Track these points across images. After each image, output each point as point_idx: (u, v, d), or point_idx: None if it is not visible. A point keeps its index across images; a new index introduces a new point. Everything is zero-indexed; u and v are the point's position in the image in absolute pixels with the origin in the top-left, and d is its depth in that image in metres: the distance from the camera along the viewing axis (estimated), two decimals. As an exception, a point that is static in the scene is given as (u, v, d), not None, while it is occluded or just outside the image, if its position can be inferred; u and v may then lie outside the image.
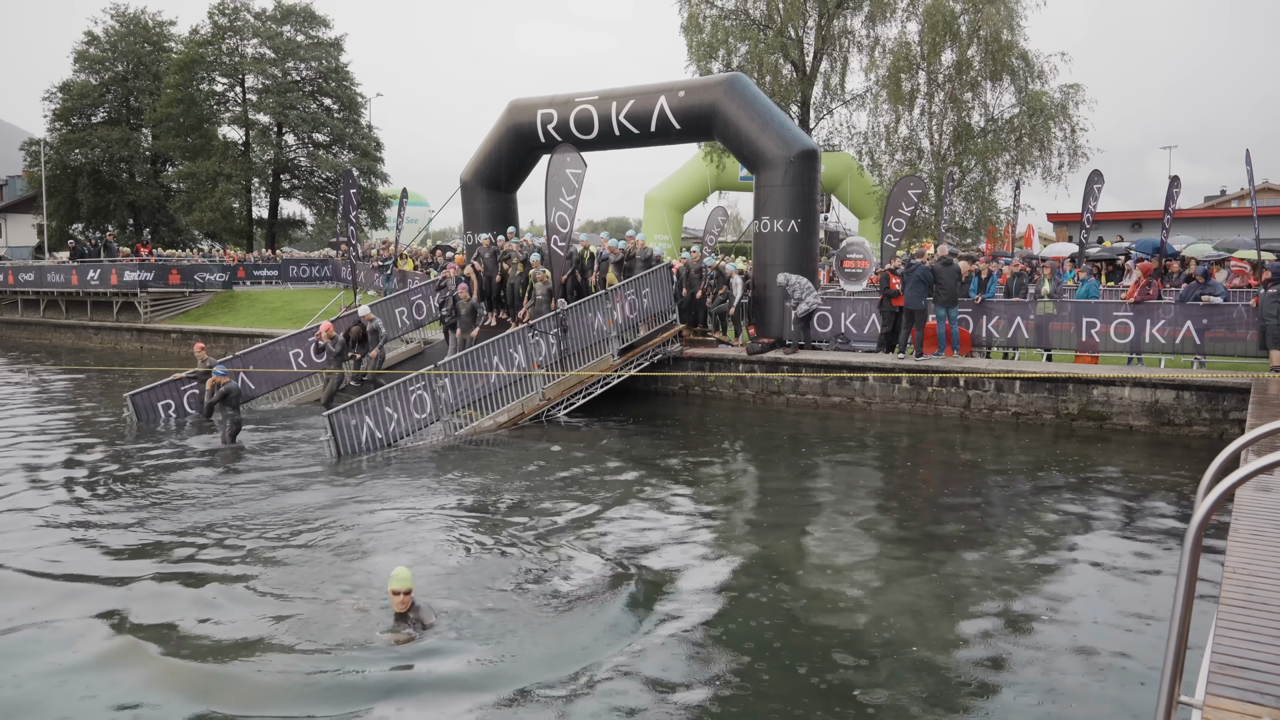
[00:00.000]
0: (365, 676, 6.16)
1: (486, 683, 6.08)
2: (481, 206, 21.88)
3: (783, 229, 18.35)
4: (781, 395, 17.58)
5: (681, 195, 37.12)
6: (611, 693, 5.97)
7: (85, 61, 50.78)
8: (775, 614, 7.34)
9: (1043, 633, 6.93)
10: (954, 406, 16.01)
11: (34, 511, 10.37)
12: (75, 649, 6.71)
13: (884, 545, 9.18)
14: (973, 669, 6.36)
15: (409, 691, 5.97)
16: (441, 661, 6.38)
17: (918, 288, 16.45)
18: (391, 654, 6.48)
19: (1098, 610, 7.36)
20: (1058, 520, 9.97)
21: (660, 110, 19.06)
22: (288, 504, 10.63)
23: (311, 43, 47.40)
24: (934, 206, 27.91)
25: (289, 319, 27.14)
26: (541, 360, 16.02)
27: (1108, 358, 16.06)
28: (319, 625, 7.04)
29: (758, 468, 12.77)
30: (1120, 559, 8.62)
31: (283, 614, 7.26)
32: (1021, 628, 7.05)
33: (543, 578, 8.07)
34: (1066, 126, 27.77)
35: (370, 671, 6.22)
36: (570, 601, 7.52)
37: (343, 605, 7.42)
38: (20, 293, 38.42)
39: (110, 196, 51.11)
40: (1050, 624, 7.09)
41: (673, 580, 8.07)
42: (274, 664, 6.39)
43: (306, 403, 18.10)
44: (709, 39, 30.33)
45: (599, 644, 6.68)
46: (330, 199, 47.14)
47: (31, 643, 6.81)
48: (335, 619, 7.14)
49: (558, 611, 7.30)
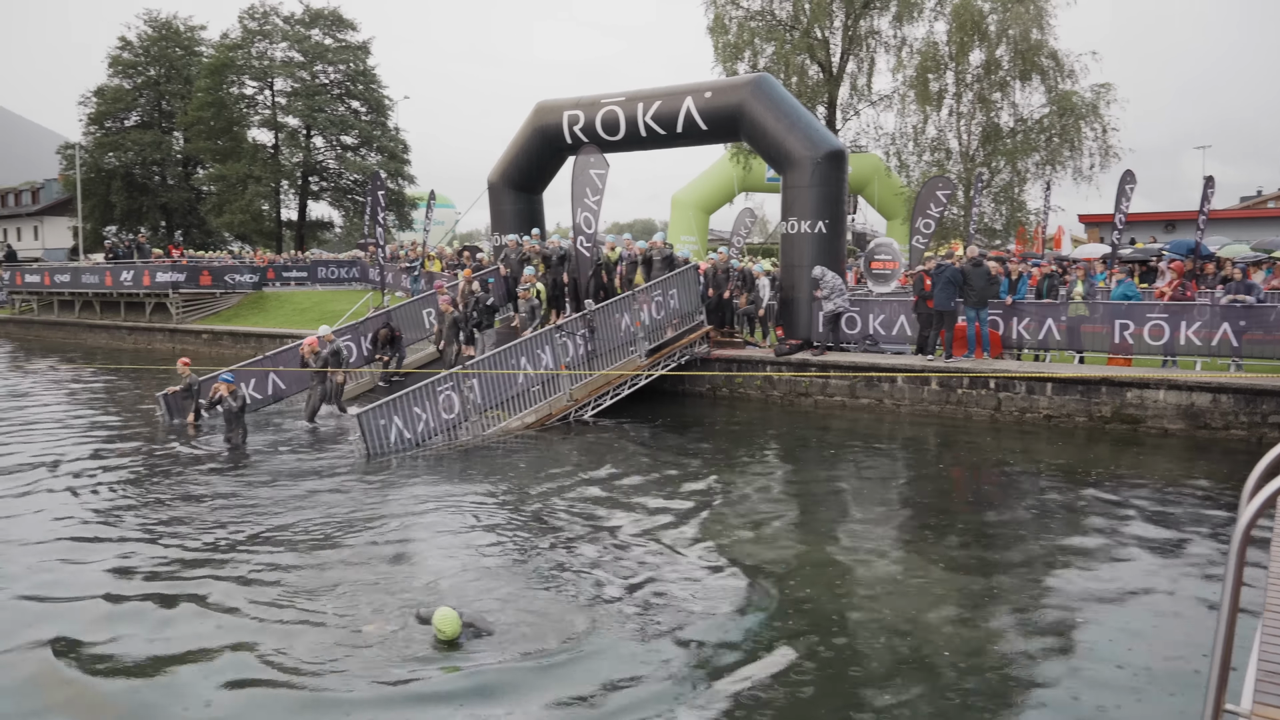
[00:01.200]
0: (402, 689, 6.09)
1: (530, 687, 6.04)
2: (509, 208, 21.95)
3: (810, 230, 18.26)
4: (809, 397, 17.50)
5: (708, 197, 37.08)
6: (646, 696, 5.94)
7: (119, 66, 51.50)
8: (806, 616, 7.29)
9: (1082, 641, 6.82)
10: (984, 409, 15.86)
11: (63, 505, 10.51)
12: (103, 650, 6.78)
13: (915, 548, 9.10)
14: (1010, 677, 6.28)
15: (457, 702, 5.92)
16: (488, 671, 6.30)
17: (947, 289, 16.32)
18: (439, 664, 6.38)
19: (1138, 618, 7.24)
20: (1093, 525, 9.85)
21: (686, 111, 19.03)
22: (319, 503, 10.69)
23: (339, 46, 47.84)
24: (963, 207, 27.71)
25: (318, 320, 27.28)
26: (569, 361, 16.03)
27: (1141, 360, 15.85)
28: (352, 628, 7.05)
29: (786, 469, 12.70)
30: (1159, 565, 8.49)
31: (316, 617, 7.27)
32: (1060, 635, 6.94)
33: (578, 581, 8.02)
34: (1098, 126, 27.49)
35: (419, 683, 6.15)
36: (606, 605, 7.48)
37: (376, 608, 7.41)
38: (56, 294, 38.96)
39: (143, 199, 51.80)
40: (1089, 632, 6.97)
41: (704, 581, 8.05)
42: (310, 668, 6.39)
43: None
44: (735, 40, 30.29)
45: (634, 648, 6.65)
46: (358, 201, 47.51)
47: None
48: (369, 622, 7.15)
49: (594, 616, 7.25)
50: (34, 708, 5.91)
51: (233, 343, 29.29)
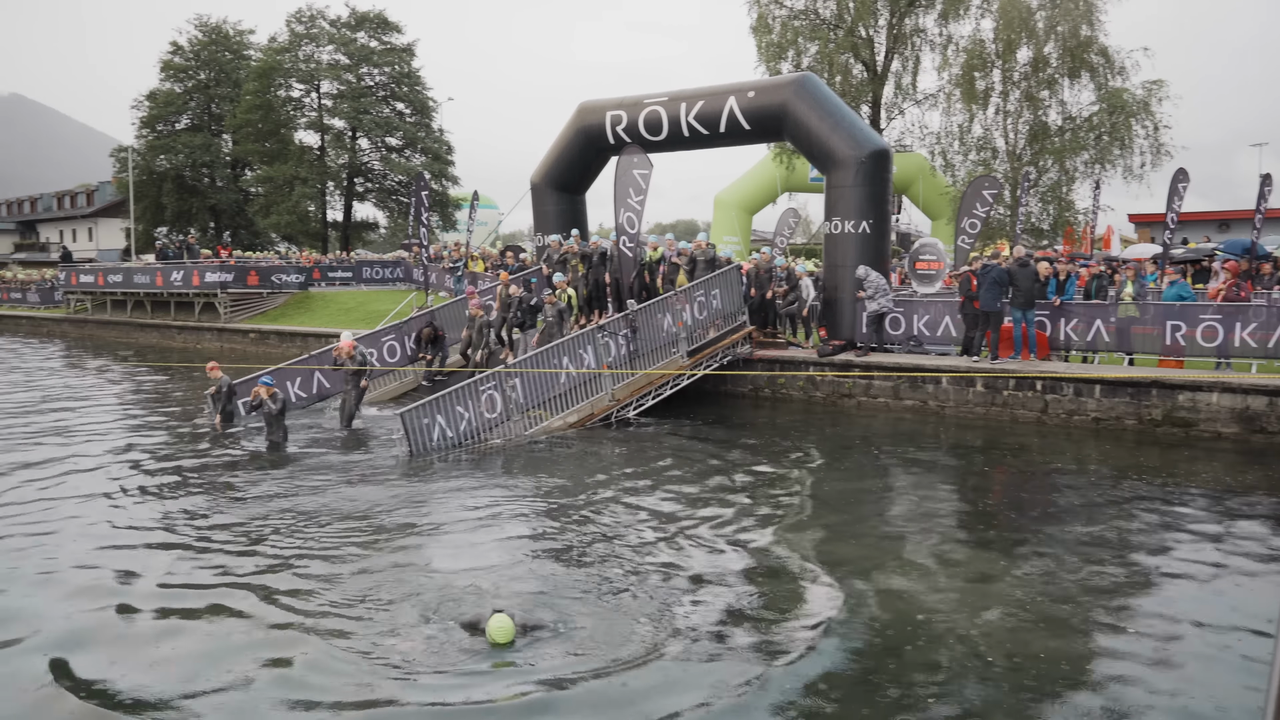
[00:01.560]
0: (453, 695, 6.03)
1: (589, 694, 5.99)
2: (551, 208, 22.04)
3: (854, 230, 18.13)
4: (852, 398, 17.36)
5: (751, 197, 36.92)
6: (706, 702, 5.91)
7: (170, 70, 52.50)
8: (861, 621, 7.23)
9: (1130, 655, 6.63)
10: (1030, 411, 15.63)
11: (107, 504, 10.75)
12: (146, 652, 6.89)
13: (967, 553, 8.98)
14: (1059, 687, 6.17)
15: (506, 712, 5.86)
16: (545, 675, 6.22)
17: (993, 289, 16.10)
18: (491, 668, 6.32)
19: (1189, 632, 7.02)
20: (1144, 532, 9.66)
21: (730, 111, 18.97)
22: (362, 503, 10.79)
23: (384, 48, 48.34)
24: (1009, 207, 27.31)
25: (363, 320, 27.65)
26: (611, 361, 16.05)
27: (1193, 362, 15.52)
28: (392, 637, 7.06)
29: (831, 471, 12.60)
30: (1213, 574, 8.28)
31: (359, 622, 7.28)
32: (1109, 650, 6.77)
33: (629, 584, 7.97)
34: (1149, 124, 26.89)
35: (471, 688, 6.09)
36: (659, 608, 7.42)
37: (421, 615, 7.32)
38: (110, 293, 39.83)
39: (193, 200, 52.75)
40: (1138, 645, 6.79)
41: (754, 582, 8.01)
42: (354, 674, 6.35)
43: (381, 401, 18.40)
44: (778, 39, 30.11)
45: (685, 651, 6.61)
46: (402, 202, 47.98)
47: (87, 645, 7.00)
48: (404, 639, 7.11)
49: (649, 619, 7.18)
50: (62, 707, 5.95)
51: (279, 342, 29.74)
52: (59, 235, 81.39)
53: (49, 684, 6.19)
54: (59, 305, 44.61)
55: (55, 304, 45.15)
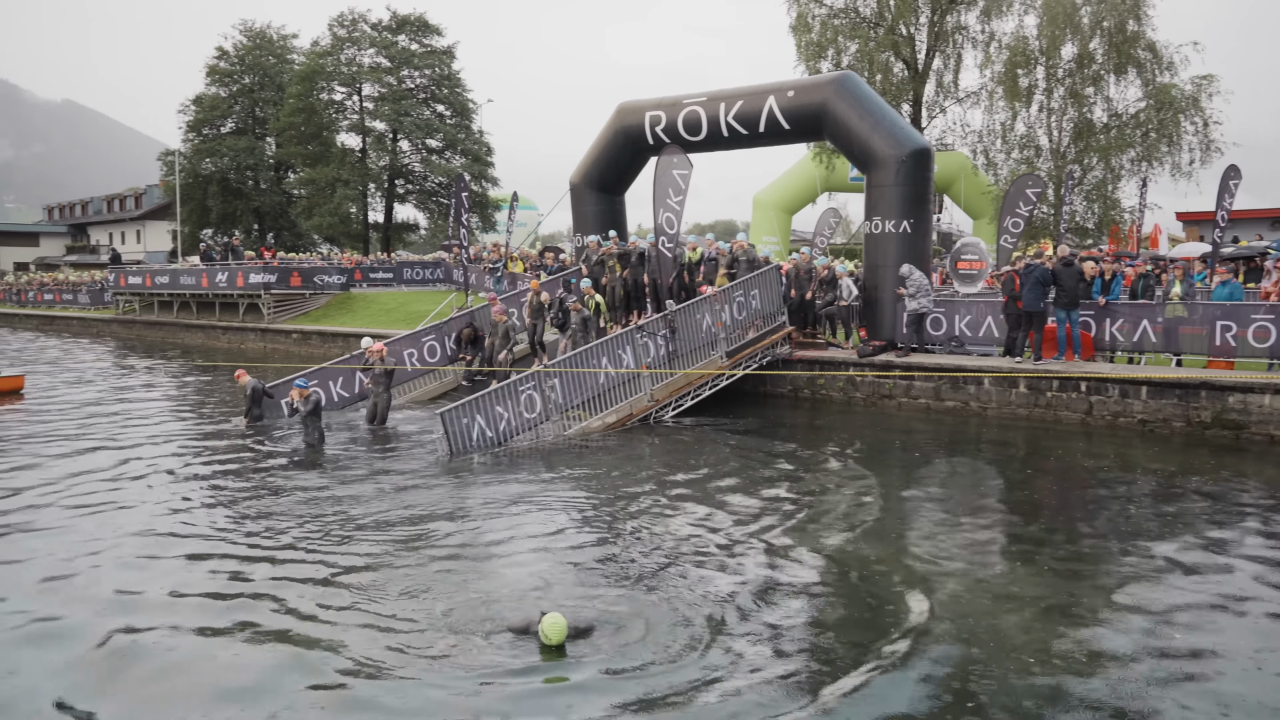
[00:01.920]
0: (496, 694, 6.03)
1: (640, 696, 5.95)
2: (590, 209, 22.10)
3: (894, 230, 17.98)
4: (893, 399, 17.21)
5: (790, 197, 36.75)
6: (755, 703, 5.89)
7: (216, 75, 53.45)
8: (908, 624, 7.17)
9: (1177, 668, 6.48)
10: (1075, 412, 15.39)
11: (152, 497, 10.95)
12: (183, 651, 6.99)
13: (1013, 559, 8.86)
14: (1101, 699, 6.07)
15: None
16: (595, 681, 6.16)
17: (1036, 289, 15.89)
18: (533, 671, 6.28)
19: (1241, 644, 6.84)
20: (1193, 537, 9.46)
21: (769, 110, 18.90)
22: (405, 504, 10.85)
23: (425, 51, 48.80)
24: (1053, 206, 26.94)
25: (403, 320, 27.92)
26: (649, 361, 16.06)
27: (1244, 363, 15.19)
28: (438, 638, 7.07)
29: (872, 473, 12.47)
30: (1265, 585, 8.08)
31: (403, 623, 7.30)
32: (1155, 663, 6.63)
33: (673, 586, 7.91)
34: (1198, 120, 26.40)
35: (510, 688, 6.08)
36: (703, 610, 7.37)
37: (470, 620, 7.24)
38: (157, 295, 40.60)
39: (237, 203, 53.65)
40: (1186, 660, 6.63)
41: (797, 586, 7.97)
42: (397, 676, 6.35)
43: (421, 401, 18.57)
44: (818, 38, 30.00)
45: (737, 653, 6.58)
46: (443, 203, 48.42)
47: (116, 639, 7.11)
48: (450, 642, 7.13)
49: (693, 621, 7.13)
50: (108, 698, 6.04)
51: (321, 342, 30.11)
52: (108, 238, 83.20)
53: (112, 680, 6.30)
54: (108, 306, 45.56)
55: (105, 305, 46.13)
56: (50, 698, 6.01)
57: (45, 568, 8.49)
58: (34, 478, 12.08)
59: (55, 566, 8.55)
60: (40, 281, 57.96)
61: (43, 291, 53.93)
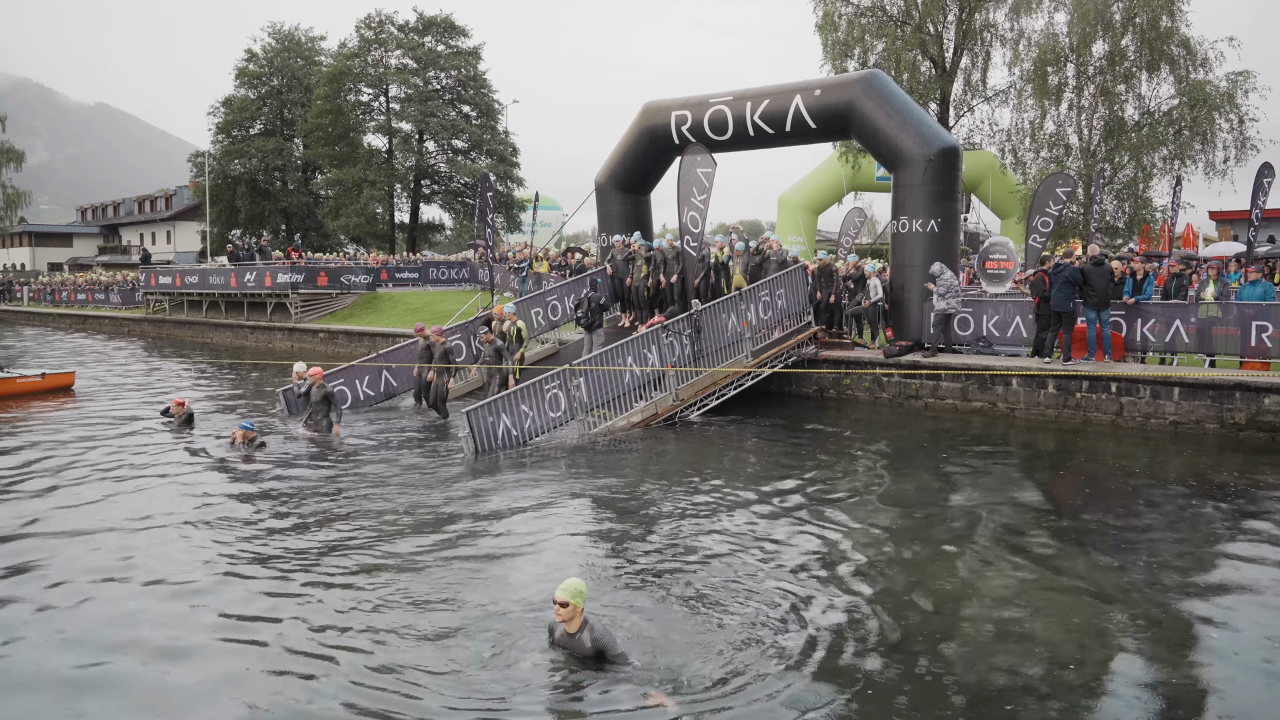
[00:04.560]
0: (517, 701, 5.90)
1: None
2: (616, 209, 22.10)
3: (922, 229, 17.84)
4: (919, 400, 17.08)
5: (816, 197, 36.56)
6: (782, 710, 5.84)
7: (245, 77, 53.93)
8: (927, 630, 7.10)
9: (1211, 680, 6.37)
10: (1105, 414, 15.20)
11: (183, 492, 11.03)
12: (205, 653, 7.02)
13: (1044, 564, 8.74)
14: (1132, 705, 5.98)
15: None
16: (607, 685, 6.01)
17: (1065, 289, 15.71)
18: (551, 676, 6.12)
19: (1270, 648, 6.72)
20: (1227, 541, 9.31)
21: (795, 110, 18.81)
22: (432, 505, 10.84)
23: (451, 52, 48.98)
24: (1082, 205, 26.62)
25: (429, 319, 27.91)
26: (675, 361, 16.02)
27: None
28: (464, 634, 7.02)
29: (900, 475, 12.37)
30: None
31: (430, 620, 7.29)
32: (1187, 663, 6.55)
33: (696, 590, 7.81)
34: (1233, 117, 25.98)
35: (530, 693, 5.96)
36: (731, 616, 7.26)
37: (503, 630, 7.05)
38: (186, 294, 41.05)
39: (265, 203, 54.10)
40: (1220, 671, 6.50)
41: (828, 593, 7.90)
42: (427, 678, 6.27)
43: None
44: (844, 37, 29.80)
45: (752, 660, 6.52)
46: (468, 203, 48.59)
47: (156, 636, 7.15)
48: (484, 628, 7.08)
49: (711, 628, 7.03)
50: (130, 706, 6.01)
51: (348, 341, 30.32)
52: (139, 238, 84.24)
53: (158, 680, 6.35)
54: (139, 306, 46.12)
55: (135, 304, 46.69)
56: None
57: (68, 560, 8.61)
58: (71, 475, 12.24)
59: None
60: (73, 281, 58.76)
61: (76, 291, 54.66)
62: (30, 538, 9.39)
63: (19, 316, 56.35)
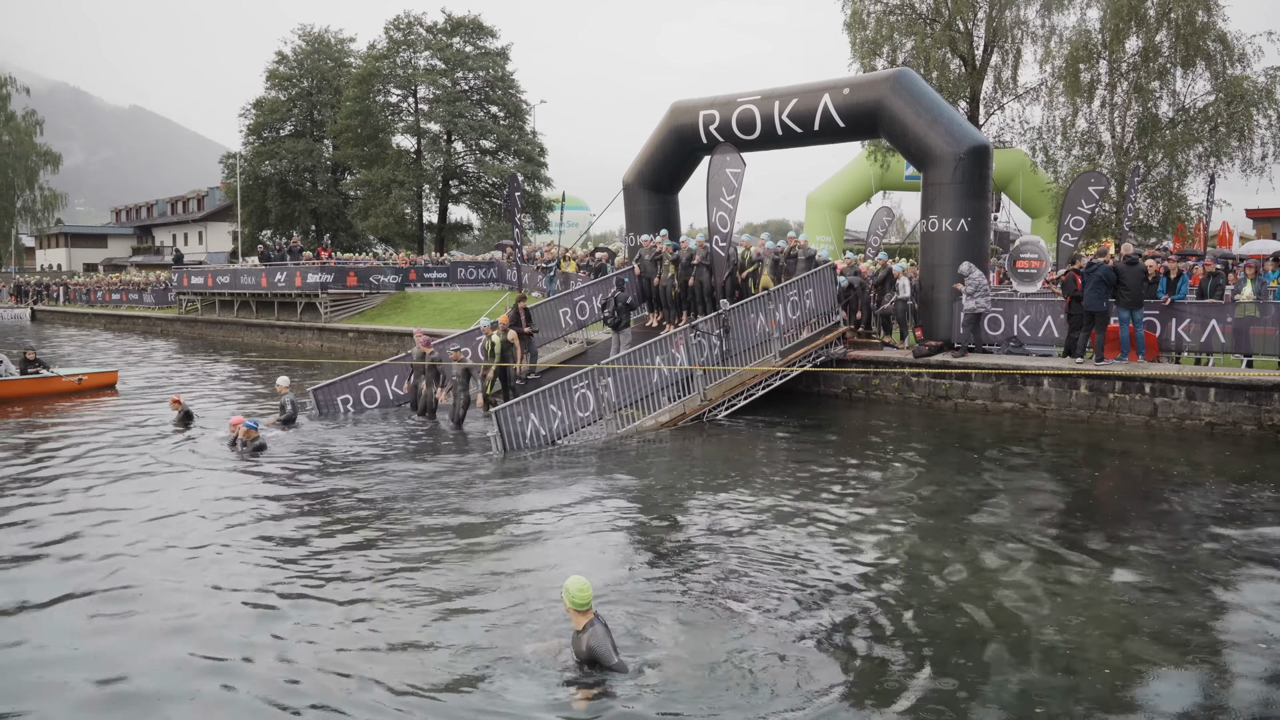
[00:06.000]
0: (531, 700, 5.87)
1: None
2: (643, 208, 22.10)
3: (951, 228, 17.70)
4: (949, 400, 16.94)
5: (844, 196, 36.37)
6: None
7: (275, 79, 54.43)
8: (953, 631, 7.04)
9: (1240, 690, 6.29)
10: (1138, 414, 15.00)
11: (213, 489, 11.14)
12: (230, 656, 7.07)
13: (1077, 568, 8.64)
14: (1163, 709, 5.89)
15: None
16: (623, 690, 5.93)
17: (1098, 288, 15.53)
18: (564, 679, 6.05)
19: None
20: (1267, 546, 9.16)
21: (824, 108, 18.72)
22: (462, 505, 10.88)
23: (479, 53, 49.18)
24: (1115, 204, 26.29)
25: (457, 319, 28.17)
26: (703, 360, 15.99)
27: (1319, 365, 14.68)
28: (489, 632, 7.05)
29: (931, 475, 12.25)
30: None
31: (454, 619, 7.31)
32: (1221, 670, 6.46)
33: (723, 590, 7.79)
34: (1272, 113, 25.54)
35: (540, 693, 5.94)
36: (760, 619, 7.23)
37: (535, 628, 7.09)
38: (218, 294, 41.50)
39: (295, 204, 54.58)
40: (1250, 680, 6.40)
41: (852, 594, 7.85)
42: (440, 673, 6.33)
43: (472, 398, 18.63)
44: (873, 35, 29.63)
45: (773, 661, 6.50)
46: (496, 203, 48.77)
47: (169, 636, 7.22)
48: (510, 627, 7.11)
49: (735, 628, 7.01)
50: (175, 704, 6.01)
51: (376, 341, 30.53)
52: (172, 239, 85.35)
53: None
54: (172, 305, 46.69)
55: (168, 304, 47.28)
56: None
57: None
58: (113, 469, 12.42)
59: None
60: (108, 282, 59.61)
61: (110, 291, 55.44)
62: (70, 540, 9.53)
63: (56, 316, 57.24)
